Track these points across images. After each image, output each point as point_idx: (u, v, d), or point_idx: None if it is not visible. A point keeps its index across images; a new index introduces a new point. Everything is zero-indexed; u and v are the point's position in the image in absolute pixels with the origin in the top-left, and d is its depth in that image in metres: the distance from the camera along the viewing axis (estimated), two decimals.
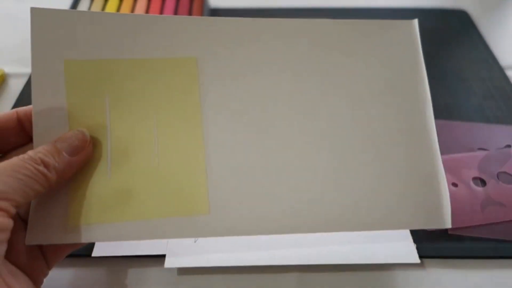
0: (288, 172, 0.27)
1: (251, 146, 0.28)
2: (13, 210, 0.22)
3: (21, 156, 0.24)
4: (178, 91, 0.28)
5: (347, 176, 0.27)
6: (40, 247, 0.26)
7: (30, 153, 0.24)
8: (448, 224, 0.26)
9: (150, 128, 0.27)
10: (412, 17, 0.31)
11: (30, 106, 0.27)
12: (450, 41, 0.54)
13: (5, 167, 0.23)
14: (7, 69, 0.49)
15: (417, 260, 0.30)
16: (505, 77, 0.48)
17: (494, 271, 0.31)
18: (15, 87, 0.47)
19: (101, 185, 0.26)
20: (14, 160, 0.23)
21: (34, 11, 0.27)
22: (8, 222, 0.22)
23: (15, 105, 0.45)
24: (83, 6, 0.56)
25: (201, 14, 0.53)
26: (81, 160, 0.26)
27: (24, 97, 0.46)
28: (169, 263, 0.30)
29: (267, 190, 0.27)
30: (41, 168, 0.23)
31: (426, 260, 0.31)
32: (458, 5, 0.60)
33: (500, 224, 0.33)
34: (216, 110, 0.28)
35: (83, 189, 0.26)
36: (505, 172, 0.36)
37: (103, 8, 0.56)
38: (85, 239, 0.25)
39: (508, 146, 0.39)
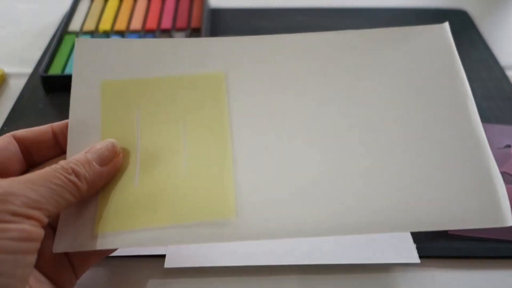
0: (319, 175, 0.27)
1: (279, 153, 0.28)
2: (45, 220, 0.22)
3: (53, 166, 0.24)
4: (207, 102, 0.29)
5: (392, 177, 0.27)
6: (68, 257, 0.26)
7: (62, 163, 0.24)
8: (509, 222, 0.25)
9: (178, 137, 0.28)
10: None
11: (65, 121, 0.29)
12: None
13: (37, 176, 0.23)
14: (7, 69, 0.49)
15: (417, 260, 0.30)
16: (505, 77, 0.48)
17: (494, 271, 0.31)
18: (15, 87, 0.47)
19: (128, 193, 0.27)
20: (47, 170, 0.23)
21: (78, 41, 0.31)
22: (40, 232, 0.22)
23: (15, 105, 0.45)
24: (83, 6, 0.56)
25: (201, 14, 0.53)
26: (111, 170, 0.26)
27: (24, 97, 0.46)
28: (169, 263, 0.30)
29: (296, 193, 0.26)
30: (72, 177, 0.24)
31: (426, 260, 0.31)
32: (458, 5, 0.60)
33: None
34: (244, 119, 0.29)
35: (111, 197, 0.27)
36: (505, 172, 0.36)
37: (103, 8, 0.56)
38: (112, 245, 0.25)
39: (508, 146, 0.39)
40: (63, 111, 0.44)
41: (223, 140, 0.28)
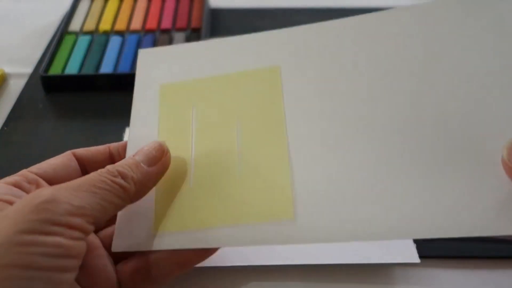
0: (379, 174, 0.25)
1: (336, 151, 0.26)
2: (89, 228, 0.21)
3: (99, 170, 0.23)
4: (262, 98, 0.29)
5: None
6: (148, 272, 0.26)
7: (108, 166, 0.24)
8: None
9: (233, 136, 0.28)
10: None
11: (122, 142, 0.29)
12: None
13: (81, 182, 0.22)
14: (7, 69, 0.49)
15: (417, 260, 0.30)
16: None
17: (494, 271, 0.31)
18: (15, 87, 0.47)
19: (184, 193, 0.27)
20: (91, 175, 0.23)
21: (141, 52, 0.33)
22: (81, 247, 0.20)
23: (15, 105, 0.45)
24: (83, 6, 0.56)
25: (201, 14, 0.53)
26: (159, 170, 0.26)
27: (24, 97, 0.46)
28: None
29: (355, 194, 0.25)
30: (118, 179, 0.23)
31: (426, 260, 0.31)
32: None
33: None
34: (300, 115, 0.27)
35: (167, 197, 0.27)
36: None
37: (103, 8, 0.56)
38: (169, 245, 0.25)
39: None
40: (63, 111, 0.44)
41: (279, 138, 0.27)
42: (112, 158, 0.29)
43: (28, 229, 0.19)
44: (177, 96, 0.30)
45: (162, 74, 0.31)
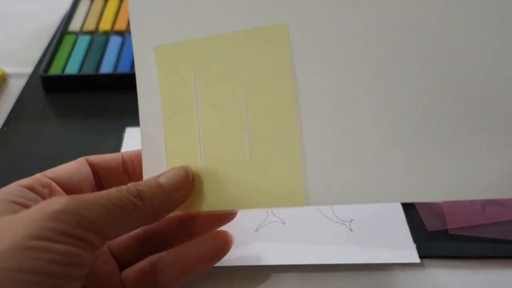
0: (392, 148, 0.24)
1: (348, 124, 0.24)
2: (98, 244, 0.21)
3: (119, 187, 0.23)
4: (268, 62, 0.26)
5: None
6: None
7: (130, 185, 0.23)
8: None
9: (240, 111, 0.26)
10: None
11: (135, 150, 0.29)
12: None
13: (99, 195, 0.22)
14: (7, 69, 0.49)
15: (417, 260, 0.30)
16: None
17: (494, 271, 0.31)
18: (15, 87, 0.47)
19: (194, 169, 0.26)
20: (111, 190, 0.22)
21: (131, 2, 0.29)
22: (89, 257, 0.20)
23: (15, 105, 0.45)
24: (83, 6, 0.56)
25: None
26: (181, 196, 0.25)
27: (24, 97, 0.46)
28: None
29: (366, 167, 0.24)
30: (135, 200, 0.22)
31: (426, 260, 0.31)
32: None
33: (500, 224, 0.33)
34: (311, 84, 0.25)
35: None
36: None
37: (103, 8, 0.56)
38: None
39: None
40: (63, 111, 0.44)
41: (289, 113, 0.25)
42: (125, 166, 0.29)
43: (39, 235, 0.19)
44: (173, 61, 0.28)
45: (155, 34, 0.28)
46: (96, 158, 0.28)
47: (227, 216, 0.29)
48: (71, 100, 0.45)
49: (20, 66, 0.49)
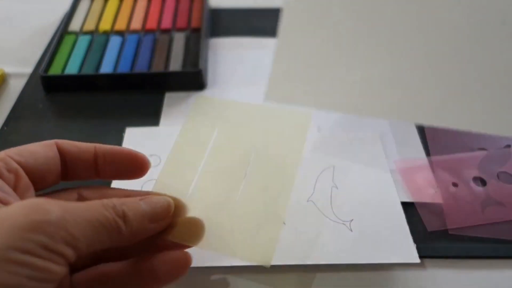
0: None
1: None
2: (73, 259, 0.20)
3: (105, 202, 0.22)
4: (283, 138, 0.30)
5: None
6: None
7: (115, 201, 0.23)
8: None
9: (244, 164, 0.29)
10: None
11: (109, 146, 0.27)
12: None
13: (85, 210, 0.21)
14: (7, 69, 0.49)
15: (417, 260, 0.30)
16: None
17: (494, 271, 0.31)
18: (15, 87, 0.47)
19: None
20: (97, 205, 0.22)
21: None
22: (61, 273, 0.20)
23: (15, 105, 0.45)
24: (83, 6, 0.56)
25: (201, 14, 0.53)
26: (157, 228, 0.25)
27: (24, 97, 0.46)
28: None
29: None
30: (119, 220, 0.22)
31: (426, 260, 0.31)
32: None
33: (500, 224, 0.33)
34: None
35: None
36: (505, 172, 0.36)
37: (103, 8, 0.56)
38: None
39: (508, 146, 0.39)
40: (63, 111, 0.44)
41: (286, 186, 0.28)
42: (96, 160, 0.27)
43: (22, 248, 0.19)
44: (206, 110, 0.32)
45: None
46: (67, 144, 0.27)
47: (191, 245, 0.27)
48: (71, 100, 0.45)
49: (20, 66, 0.49)
